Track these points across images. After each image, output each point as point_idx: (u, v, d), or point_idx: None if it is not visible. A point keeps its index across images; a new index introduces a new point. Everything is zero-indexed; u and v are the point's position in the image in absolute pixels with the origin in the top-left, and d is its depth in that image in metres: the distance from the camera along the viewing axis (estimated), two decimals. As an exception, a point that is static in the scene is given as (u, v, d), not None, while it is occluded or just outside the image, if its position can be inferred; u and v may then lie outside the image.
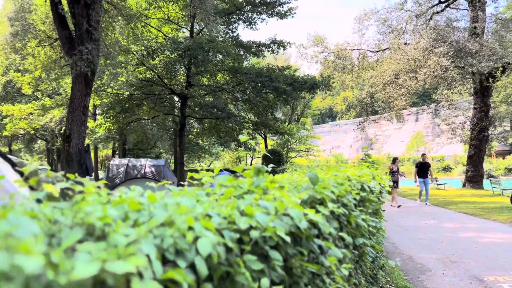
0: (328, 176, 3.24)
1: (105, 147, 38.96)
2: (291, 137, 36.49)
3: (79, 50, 12.13)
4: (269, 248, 1.31)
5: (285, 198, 1.56)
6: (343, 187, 2.75)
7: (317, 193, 1.97)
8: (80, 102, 13.19)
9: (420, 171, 15.23)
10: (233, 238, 1.12)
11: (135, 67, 20.19)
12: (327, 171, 3.72)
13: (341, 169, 3.96)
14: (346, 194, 2.55)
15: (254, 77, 19.58)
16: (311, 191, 1.89)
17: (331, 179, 2.90)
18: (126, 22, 16.45)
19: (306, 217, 1.50)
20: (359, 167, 4.51)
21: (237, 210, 1.32)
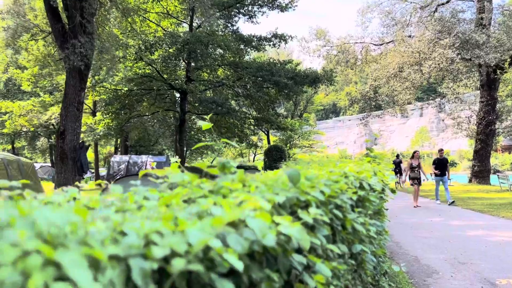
0: (322, 172, 2.84)
1: (107, 143, 38.68)
2: (294, 132, 36.04)
3: (71, 44, 11.76)
4: (217, 277, 0.91)
5: (251, 203, 1.16)
6: (337, 185, 2.35)
7: (300, 194, 1.56)
8: (74, 98, 12.84)
9: (437, 168, 13.66)
10: (146, 271, 0.72)
11: (134, 62, 19.80)
12: (322, 167, 3.32)
13: (337, 165, 3.56)
14: (340, 194, 2.15)
15: (254, 72, 19.15)
16: (291, 192, 1.48)
17: (325, 176, 2.50)
18: (123, 16, 16.06)
19: (277, 228, 1.09)
20: (358, 162, 4.09)
21: (174, 222, 0.93)
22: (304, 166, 4.28)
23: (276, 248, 1.10)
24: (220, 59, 19.95)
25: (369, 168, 3.85)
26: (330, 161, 3.65)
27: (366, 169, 3.81)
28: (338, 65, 26.86)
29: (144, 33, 19.45)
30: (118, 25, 19.62)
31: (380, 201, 3.84)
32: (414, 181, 13.27)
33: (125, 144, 34.07)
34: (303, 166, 4.47)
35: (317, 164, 3.73)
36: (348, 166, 3.56)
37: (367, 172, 3.38)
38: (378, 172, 3.85)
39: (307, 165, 4.03)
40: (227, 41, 18.54)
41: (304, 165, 4.52)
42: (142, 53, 18.09)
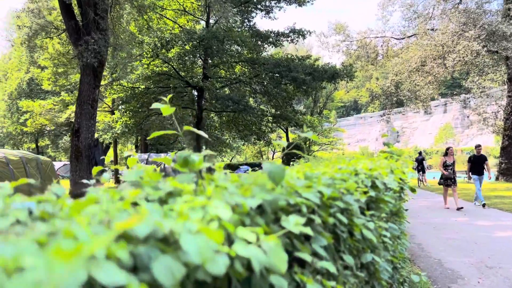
0: (330, 170, 2.51)
1: (127, 142, 38.96)
2: (314, 130, 35.53)
3: (84, 40, 11.66)
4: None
5: (212, 209, 0.85)
6: (343, 184, 2.02)
7: (288, 196, 1.24)
8: (89, 95, 12.77)
9: (474, 167, 12.06)
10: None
11: (150, 59, 19.71)
12: (331, 163, 2.98)
13: (349, 161, 3.21)
14: (346, 195, 1.82)
15: (272, 68, 18.79)
16: (275, 193, 1.16)
17: (330, 174, 2.17)
18: (138, 13, 15.94)
19: (233, 248, 0.78)
20: (373, 159, 3.73)
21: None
22: (314, 163, 3.95)
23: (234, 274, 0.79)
24: (237, 56, 19.67)
25: (386, 164, 3.49)
26: (340, 158, 3.31)
27: (382, 166, 3.45)
28: (358, 60, 26.24)
29: (160, 30, 19.33)
30: (134, 22, 19.58)
31: (398, 201, 3.47)
32: (448, 181, 11.65)
33: (145, 142, 34.24)
34: (313, 163, 4.13)
35: (326, 161, 3.40)
36: (361, 163, 3.21)
37: (382, 170, 3.02)
38: (396, 169, 3.47)
39: (316, 162, 3.70)
40: (244, 37, 18.24)
41: (315, 162, 4.18)
42: (158, 50, 17.96)
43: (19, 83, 37.99)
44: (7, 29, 47.72)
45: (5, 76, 42.50)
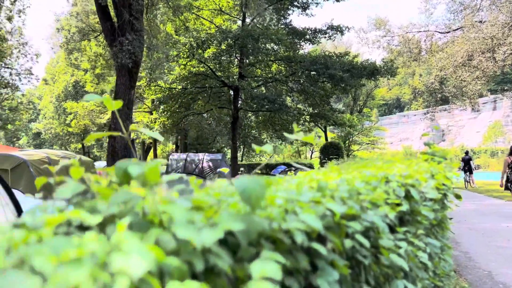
0: (353, 175, 2.16)
1: (167, 142, 39.58)
2: (353, 129, 34.60)
3: (119, 41, 11.73)
4: None
5: (118, 259, 0.55)
6: (370, 196, 1.68)
7: (267, 222, 0.92)
8: (124, 96, 12.85)
9: None
10: None
11: (187, 60, 19.76)
12: (359, 168, 2.61)
13: (380, 165, 2.82)
14: (367, 212, 1.47)
15: (308, 65, 18.33)
16: (249, 218, 0.84)
17: (351, 183, 1.83)
18: (174, 14, 15.97)
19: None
20: (410, 161, 3.31)
21: None
22: (342, 168, 3.57)
23: None
24: (273, 54, 19.35)
25: (425, 168, 3.06)
26: (368, 162, 2.93)
27: (420, 170, 3.03)
28: (399, 56, 25.20)
29: (196, 30, 19.36)
30: (171, 23, 19.70)
31: (440, 212, 3.04)
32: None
33: (185, 142, 34.64)
34: (341, 167, 3.75)
35: (354, 165, 3.02)
36: (395, 167, 2.81)
37: (420, 175, 2.62)
38: (438, 174, 3.04)
39: (343, 167, 3.32)
40: (279, 35, 17.89)
41: (344, 166, 3.79)
42: (194, 50, 17.96)
43: (66, 85, 39.50)
44: (55, 34, 49.78)
45: (53, 79, 44.36)
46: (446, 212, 3.52)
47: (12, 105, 32.65)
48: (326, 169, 3.12)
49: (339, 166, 3.46)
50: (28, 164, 14.75)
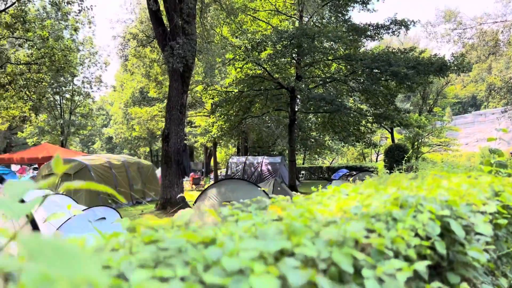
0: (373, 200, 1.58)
1: (227, 145, 39.88)
2: (423, 129, 32.44)
3: (170, 46, 11.68)
4: None
5: None
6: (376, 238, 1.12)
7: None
8: (177, 101, 12.83)
9: None
10: None
11: (243, 63, 19.54)
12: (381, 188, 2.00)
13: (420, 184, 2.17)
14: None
15: (369, 63, 17.27)
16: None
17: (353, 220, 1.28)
18: (228, 16, 15.80)
19: None
20: (467, 174, 2.59)
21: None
22: (380, 181, 2.92)
23: None
24: (331, 53, 18.51)
25: (485, 185, 2.34)
26: (395, 180, 2.29)
27: (481, 186, 2.32)
28: (473, 50, 23.14)
29: (252, 32, 19.08)
30: (226, 27, 19.61)
31: (507, 242, 2.30)
32: None
33: (245, 145, 34.62)
34: (380, 182, 3.11)
35: (376, 183, 2.39)
36: (428, 184, 2.15)
37: (474, 197, 1.93)
38: (502, 194, 2.30)
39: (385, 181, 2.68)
40: (336, 32, 17.03)
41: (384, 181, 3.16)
42: (248, 52, 17.66)
43: (133, 91, 41.27)
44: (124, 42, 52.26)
45: (122, 86, 46.56)
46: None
47: (83, 111, 34.63)
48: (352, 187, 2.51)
49: (374, 183, 2.84)
50: (89, 169, 15.30)
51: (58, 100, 33.89)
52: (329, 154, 39.52)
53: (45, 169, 15.40)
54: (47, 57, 18.45)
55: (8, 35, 18.06)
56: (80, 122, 34.55)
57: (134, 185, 17.87)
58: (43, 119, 30.22)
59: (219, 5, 15.51)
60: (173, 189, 12.62)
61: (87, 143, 67.17)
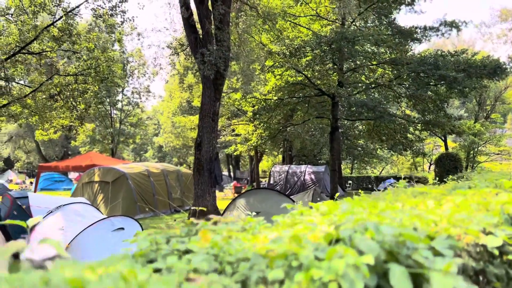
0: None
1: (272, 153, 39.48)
2: (479, 137, 30.34)
3: (200, 53, 11.52)
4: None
5: None
6: None
7: None
8: (210, 108, 12.65)
9: None
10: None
11: (282, 70, 19.13)
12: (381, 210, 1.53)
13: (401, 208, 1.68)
14: None
15: (415, 67, 16.25)
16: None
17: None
18: (264, 22, 15.50)
19: None
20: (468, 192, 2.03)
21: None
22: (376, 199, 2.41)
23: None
24: (373, 57, 17.64)
25: (496, 206, 1.78)
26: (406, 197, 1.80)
27: (490, 208, 1.77)
28: (534, 50, 21.26)
29: (289, 38, 18.67)
30: (266, 33, 19.35)
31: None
32: None
33: (289, 153, 34.10)
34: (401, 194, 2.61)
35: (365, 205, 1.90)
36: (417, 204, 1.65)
37: (463, 224, 1.41)
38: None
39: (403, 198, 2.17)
40: (378, 35, 16.19)
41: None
42: (287, 59, 17.23)
43: (180, 101, 42.12)
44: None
45: (170, 96, 47.72)
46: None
47: (132, 121, 35.70)
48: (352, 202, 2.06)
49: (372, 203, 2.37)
50: (127, 177, 15.48)
51: (109, 110, 35.23)
52: (378, 163, 37.99)
53: (85, 177, 15.77)
54: (92, 68, 19.05)
55: (57, 48, 18.85)
56: (129, 131, 35.63)
57: (172, 193, 17.92)
58: (91, 129, 31.41)
59: (256, 12, 15.24)
60: (205, 198, 12.39)
61: (139, 151, 69.39)
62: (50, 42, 18.61)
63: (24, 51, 18.57)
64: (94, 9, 18.29)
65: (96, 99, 20.31)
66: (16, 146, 48.22)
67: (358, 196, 2.40)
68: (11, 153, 51.35)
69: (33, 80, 21.20)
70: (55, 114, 21.10)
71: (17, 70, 19.98)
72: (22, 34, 18.08)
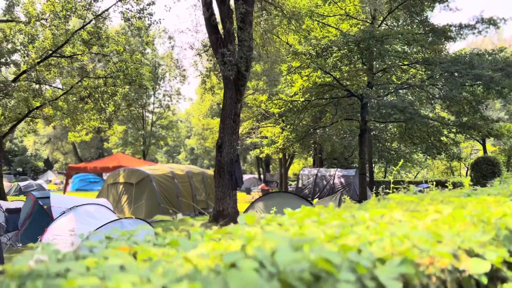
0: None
1: (301, 155, 38.96)
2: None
3: (220, 53, 11.35)
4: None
5: None
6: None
7: None
8: (231, 110, 12.45)
9: None
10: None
11: (310, 70, 18.70)
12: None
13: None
14: None
15: (448, 66, 15.47)
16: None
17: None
18: (289, 22, 15.20)
19: None
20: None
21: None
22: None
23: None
24: (404, 56, 16.95)
25: (491, 220, 1.42)
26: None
27: (487, 227, 1.43)
28: None
29: (315, 38, 18.25)
30: (293, 34, 19.02)
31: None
32: None
33: (319, 157, 33.51)
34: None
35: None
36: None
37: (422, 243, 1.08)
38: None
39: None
40: (408, 34, 15.52)
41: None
42: (313, 59, 16.79)
43: (211, 104, 42.38)
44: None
45: (201, 99, 48.18)
46: None
47: (163, 123, 36.16)
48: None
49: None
50: (151, 179, 15.51)
51: (141, 113, 35.83)
52: (412, 167, 36.71)
53: (110, 178, 15.93)
54: (121, 70, 19.31)
55: (87, 52, 19.23)
56: (160, 133, 36.09)
57: (197, 195, 17.85)
58: (122, 130, 31.99)
59: (281, 11, 14.95)
60: (225, 200, 12.19)
61: (172, 153, 70.41)
62: (81, 45, 19.01)
63: (56, 55, 19.06)
64: (122, 12, 18.57)
65: (125, 101, 20.58)
66: (54, 147, 49.94)
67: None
68: (49, 154, 53.24)
69: (65, 83, 21.77)
70: (86, 116, 21.56)
71: (50, 73, 20.54)
72: (55, 38, 18.54)
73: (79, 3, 18.00)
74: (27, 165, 60.55)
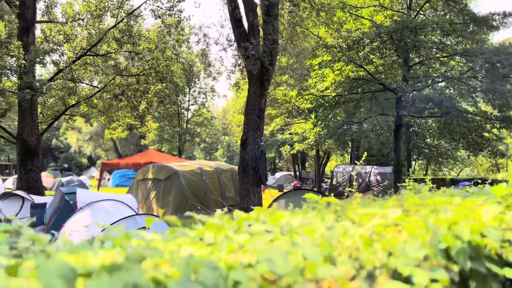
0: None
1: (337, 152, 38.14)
2: None
3: (243, 46, 11.13)
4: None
5: None
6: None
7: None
8: (255, 105, 12.23)
9: None
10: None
11: (342, 64, 18.10)
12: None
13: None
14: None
15: (489, 57, 14.48)
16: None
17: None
18: (318, 14, 14.73)
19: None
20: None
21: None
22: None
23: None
24: (441, 47, 16.05)
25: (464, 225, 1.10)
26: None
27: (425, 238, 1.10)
28: None
29: (349, 31, 17.64)
30: (324, 27, 18.52)
31: None
32: None
33: (356, 153, 32.67)
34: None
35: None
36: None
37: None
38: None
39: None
40: (444, 23, 14.63)
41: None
42: (344, 52, 16.21)
43: (244, 100, 42.40)
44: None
45: (235, 95, 48.30)
46: None
47: (198, 120, 36.46)
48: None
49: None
50: (179, 175, 15.54)
51: (177, 110, 36.27)
52: (454, 165, 35.03)
53: (140, 174, 16.12)
54: (153, 68, 19.51)
55: (120, 50, 19.55)
56: (195, 130, 36.43)
57: (226, 192, 17.77)
58: (156, 127, 32.49)
59: (309, 4, 14.52)
60: (249, 197, 11.99)
61: (209, 150, 71.13)
62: (115, 44, 19.37)
63: (91, 53, 19.50)
64: (153, 10, 18.73)
65: (157, 98, 20.80)
66: (96, 144, 51.63)
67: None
68: (92, 151, 55.14)
69: (101, 81, 22.29)
70: (121, 114, 21.98)
71: (87, 72, 21.08)
72: (91, 37, 18.96)
73: (111, 2, 18.33)
74: (72, 162, 63.04)
